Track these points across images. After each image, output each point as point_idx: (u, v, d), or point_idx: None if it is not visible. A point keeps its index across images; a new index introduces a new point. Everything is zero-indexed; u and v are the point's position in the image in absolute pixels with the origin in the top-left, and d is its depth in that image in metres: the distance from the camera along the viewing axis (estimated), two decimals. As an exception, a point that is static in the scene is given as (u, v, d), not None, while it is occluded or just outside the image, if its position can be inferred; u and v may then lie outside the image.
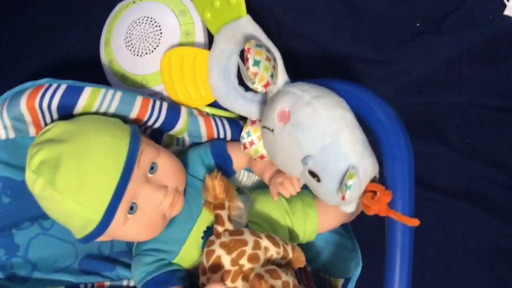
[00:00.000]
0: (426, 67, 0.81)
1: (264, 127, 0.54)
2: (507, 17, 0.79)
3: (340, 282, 0.72)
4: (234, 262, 0.56)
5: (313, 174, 0.50)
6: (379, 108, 0.50)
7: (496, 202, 0.84)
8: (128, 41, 0.69)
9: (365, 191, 0.49)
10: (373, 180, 0.50)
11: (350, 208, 0.54)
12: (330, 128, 0.47)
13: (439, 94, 0.83)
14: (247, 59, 0.51)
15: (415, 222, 0.47)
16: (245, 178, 0.73)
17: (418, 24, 0.81)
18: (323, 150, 0.48)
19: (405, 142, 0.49)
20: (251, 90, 0.60)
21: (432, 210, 0.82)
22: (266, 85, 0.52)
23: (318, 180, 0.50)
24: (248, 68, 0.51)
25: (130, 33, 0.69)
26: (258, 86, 0.52)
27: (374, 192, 0.49)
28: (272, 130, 0.52)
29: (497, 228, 0.84)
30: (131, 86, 0.69)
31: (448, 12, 0.80)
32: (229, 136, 0.67)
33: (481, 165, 0.83)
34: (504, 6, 0.78)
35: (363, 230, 0.76)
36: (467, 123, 0.84)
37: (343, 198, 0.48)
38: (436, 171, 0.83)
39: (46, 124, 0.59)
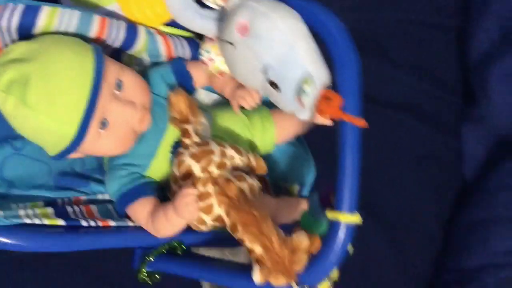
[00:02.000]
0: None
1: (223, 40, 0.57)
2: None
3: (296, 188, 0.79)
4: (203, 169, 0.61)
5: (272, 84, 0.55)
6: (329, 20, 0.54)
7: (431, 113, 0.92)
8: (80, -40, 0.67)
9: (320, 98, 0.55)
10: (326, 88, 0.56)
11: (305, 115, 0.59)
12: (286, 38, 0.51)
13: (379, 11, 0.88)
14: (207, -26, 0.53)
15: (363, 123, 0.54)
16: (204, 96, 0.76)
17: None
18: (282, 59, 0.52)
19: (353, 50, 0.54)
20: (207, 7, 0.62)
21: (373, 120, 0.89)
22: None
23: (277, 89, 0.55)
24: (207, -19, 0.53)
25: (81, -49, 0.67)
26: (218, 0, 0.54)
27: (328, 98, 0.54)
28: (232, 43, 0.55)
29: (433, 137, 0.92)
30: (84, 6, 0.68)
31: None
32: (188, 55, 0.69)
33: (417, 78, 0.91)
34: None
35: (315, 141, 0.83)
36: (408, 40, 0.90)
37: (301, 104, 0.53)
38: (377, 85, 0.89)
39: (6, 46, 0.59)
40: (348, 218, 0.54)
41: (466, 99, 0.92)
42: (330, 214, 0.55)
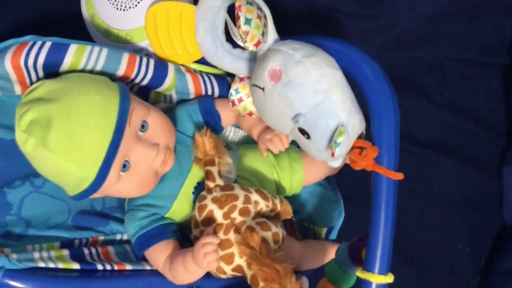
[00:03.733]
0: (408, 22, 0.82)
1: (254, 85, 0.54)
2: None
3: (324, 230, 0.76)
4: (226, 215, 0.58)
5: (303, 131, 0.52)
6: (367, 66, 0.51)
7: (472, 155, 0.88)
8: (111, -5, 0.67)
9: (353, 147, 0.51)
10: (360, 137, 0.52)
11: (337, 163, 0.56)
12: (321, 86, 0.48)
13: (420, 49, 0.85)
14: (238, 17, 0.51)
15: (399, 176, 0.50)
16: (232, 133, 0.74)
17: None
18: (314, 108, 0.49)
19: (391, 99, 0.50)
20: (239, 46, 0.60)
21: (410, 161, 0.86)
22: (257, 43, 0.52)
23: (308, 137, 0.52)
24: (239, 27, 0.51)
25: (112, -13, 0.67)
26: (250, 45, 0.52)
27: (361, 148, 0.51)
28: (263, 89, 0.52)
29: (471, 179, 0.88)
30: (115, 42, 0.67)
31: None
32: (216, 93, 0.67)
33: (459, 118, 0.86)
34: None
35: (345, 183, 0.79)
36: (447, 78, 0.86)
37: (333, 154, 0.50)
38: (415, 124, 0.86)
39: (32, 83, 0.58)
40: (380, 279, 0.50)
41: (510, 140, 0.87)
42: (361, 274, 0.51)
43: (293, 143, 0.72)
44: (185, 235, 0.65)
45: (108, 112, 0.54)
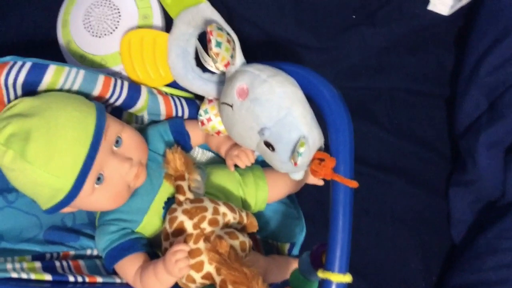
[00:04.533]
0: (360, 55, 0.90)
1: (223, 103, 0.59)
2: (430, 11, 0.90)
3: (287, 246, 0.79)
4: (196, 226, 0.61)
5: (268, 144, 0.57)
6: (324, 86, 0.58)
7: (419, 175, 0.94)
8: (87, 23, 0.71)
9: (313, 159, 0.57)
10: (319, 149, 0.58)
11: (299, 175, 0.61)
12: (284, 102, 0.54)
13: (371, 80, 0.92)
14: (210, 41, 0.57)
15: (355, 184, 0.55)
16: (199, 154, 0.78)
17: (354, 16, 0.89)
18: (278, 122, 0.55)
19: (346, 114, 0.56)
20: (208, 71, 0.65)
21: (364, 182, 0.90)
22: (227, 64, 0.58)
23: (273, 150, 0.57)
24: (211, 49, 0.57)
25: (88, 15, 0.71)
26: (220, 66, 0.57)
27: (320, 159, 0.56)
28: (231, 106, 0.58)
29: (421, 199, 0.93)
30: (90, 66, 0.71)
31: (379, 6, 0.89)
32: (186, 114, 0.71)
33: (407, 142, 0.93)
34: (428, 1, 0.89)
35: (306, 203, 0.84)
36: (395, 105, 0.93)
37: (295, 164, 0.55)
38: (367, 148, 0.91)
39: (9, 101, 0.61)
40: (339, 278, 0.54)
41: (454, 164, 0.94)
42: (322, 274, 0.55)
43: (258, 163, 0.77)
44: (154, 253, 0.68)
45: (86, 126, 0.57)
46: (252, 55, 0.75)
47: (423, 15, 0.90)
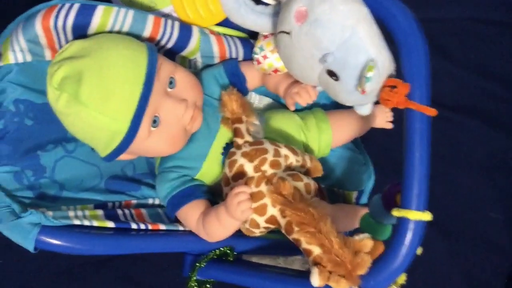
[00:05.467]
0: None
1: (281, 31, 0.54)
2: None
3: (354, 195, 0.75)
4: (256, 168, 0.58)
5: (331, 73, 0.52)
6: (393, 4, 0.51)
7: (499, 117, 0.87)
8: (133, -36, 0.68)
9: (383, 86, 0.51)
10: (389, 76, 0.52)
11: (366, 109, 0.56)
12: (348, 21, 0.48)
13: (440, 10, 0.84)
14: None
15: (433, 112, 0.49)
16: (257, 101, 0.74)
17: None
18: (342, 44, 0.49)
19: (420, 34, 0.50)
20: (262, 3, 0.60)
21: (437, 125, 0.84)
22: (282, -13, 0.53)
23: (337, 79, 0.52)
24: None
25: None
26: (275, -11, 0.52)
27: (392, 87, 0.50)
28: (289, 33, 0.53)
29: (501, 142, 0.87)
30: (139, 9, 0.68)
31: None
32: (241, 55, 0.68)
33: (485, 81, 0.85)
34: None
35: (373, 151, 0.79)
36: (470, 39, 0.85)
37: (363, 91, 0.49)
38: (439, 87, 0.84)
39: (61, 47, 0.60)
40: (418, 215, 0.49)
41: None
42: (398, 212, 0.50)
43: (319, 106, 0.72)
44: (215, 201, 0.65)
45: (138, 65, 0.55)
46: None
47: None
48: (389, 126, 0.74)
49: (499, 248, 0.87)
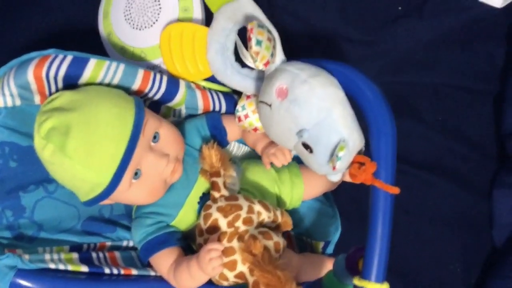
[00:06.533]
0: (406, 48, 0.86)
1: (261, 101, 0.58)
2: (482, 3, 0.85)
3: (321, 244, 0.78)
4: (230, 224, 0.61)
5: (306, 146, 0.55)
6: (367, 87, 0.55)
7: (464, 175, 0.90)
8: (128, 15, 0.71)
9: (353, 162, 0.55)
10: (359, 153, 0.56)
11: (336, 177, 0.60)
12: (324, 104, 0.52)
13: (416, 74, 0.88)
14: (250, 39, 0.55)
15: (396, 190, 0.53)
16: (235, 149, 0.77)
17: (400, 8, 0.86)
18: (317, 124, 0.53)
19: (389, 117, 0.54)
20: (247, 66, 0.64)
21: (405, 181, 0.88)
22: (266, 63, 0.56)
23: (311, 152, 0.55)
24: (251, 47, 0.55)
25: (129, 7, 0.71)
26: (260, 65, 0.56)
27: (360, 163, 0.54)
28: (270, 105, 0.56)
29: (463, 199, 0.90)
30: (130, 58, 0.71)
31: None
32: (224, 109, 0.71)
33: (451, 140, 0.89)
34: (479, -7, 0.84)
35: (342, 200, 0.82)
36: (440, 102, 0.89)
37: (334, 168, 0.53)
38: (410, 146, 0.88)
39: (51, 93, 0.62)
40: (376, 287, 0.53)
41: (500, 164, 0.90)
42: (358, 282, 0.54)
43: (295, 159, 0.75)
44: (188, 245, 0.68)
45: (124, 123, 0.57)
46: (294, 48, 0.74)
47: (474, 7, 0.85)
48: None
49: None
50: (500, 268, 0.88)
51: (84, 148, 0.55)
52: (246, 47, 0.59)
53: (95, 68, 0.60)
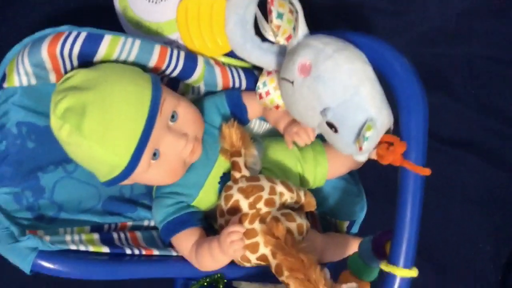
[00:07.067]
0: (438, 19, 0.82)
1: (283, 78, 0.55)
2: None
3: (346, 224, 0.76)
4: (251, 206, 0.59)
5: (331, 125, 0.52)
6: (397, 61, 0.52)
7: (496, 152, 0.87)
8: (143, -13, 0.68)
9: (380, 142, 0.52)
10: (387, 132, 0.53)
11: (363, 157, 0.57)
12: (351, 81, 0.49)
13: (448, 46, 0.84)
14: (270, 12, 0.52)
15: (427, 172, 0.50)
16: (257, 126, 0.75)
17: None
18: (343, 103, 0.50)
19: (421, 95, 0.50)
20: (268, 40, 0.61)
21: (435, 159, 0.85)
22: (288, 38, 0.53)
23: (336, 131, 0.52)
24: (271, 21, 0.52)
25: (145, -21, 0.68)
26: (281, 39, 0.52)
27: (389, 143, 0.51)
28: (292, 82, 0.53)
29: (496, 178, 0.87)
30: (146, 34, 0.69)
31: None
32: (244, 86, 0.68)
33: (484, 116, 0.86)
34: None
35: (368, 178, 0.80)
36: (473, 75, 0.85)
37: (360, 148, 0.50)
38: (441, 121, 0.85)
39: (66, 71, 0.60)
40: (404, 273, 0.50)
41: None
42: (386, 267, 0.52)
43: (318, 136, 0.73)
44: (209, 224, 0.67)
45: (141, 101, 0.55)
46: (319, 21, 0.70)
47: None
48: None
49: (484, 280, 0.88)
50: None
51: (101, 128, 0.54)
52: (267, 19, 0.56)
53: (110, 45, 0.58)
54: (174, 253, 0.65)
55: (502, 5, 0.82)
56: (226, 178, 0.64)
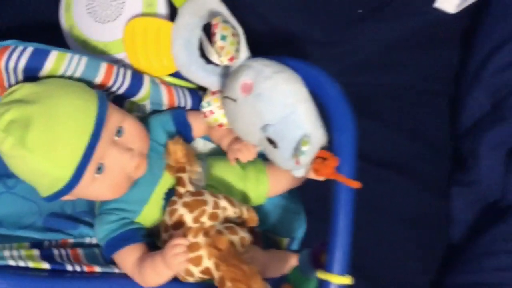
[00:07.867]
0: (366, 50, 0.88)
1: (226, 97, 0.58)
2: (436, 9, 0.89)
3: (286, 241, 0.79)
4: (195, 219, 0.61)
5: (271, 141, 0.56)
6: (329, 85, 0.57)
7: (421, 174, 0.93)
8: (90, 8, 0.70)
9: (316, 157, 0.56)
10: (322, 148, 0.57)
11: (300, 173, 0.61)
12: (289, 100, 0.53)
13: (376, 76, 0.90)
14: (214, 34, 0.56)
15: (358, 185, 0.55)
16: (201, 145, 0.77)
17: (360, 11, 0.88)
18: (282, 119, 0.54)
19: (350, 114, 0.56)
20: (212, 62, 0.64)
21: (363, 179, 0.90)
22: (231, 59, 0.57)
23: (275, 147, 0.56)
24: (215, 42, 0.56)
25: (92, 0, 0.70)
26: (224, 60, 0.56)
27: (323, 158, 0.56)
28: (235, 100, 0.57)
29: (421, 197, 0.93)
30: (93, 52, 0.70)
31: (386, 1, 0.88)
32: (189, 105, 0.71)
33: (409, 141, 0.92)
34: (434, -1, 0.87)
35: (307, 198, 0.83)
36: (399, 103, 0.92)
37: (297, 162, 0.54)
38: (370, 145, 0.89)
39: (10, 86, 0.60)
40: (339, 280, 0.54)
41: (456, 163, 0.94)
42: (321, 275, 0.55)
43: (260, 156, 0.76)
44: (152, 243, 0.67)
45: (87, 115, 0.56)
46: (257, 48, 0.75)
47: (429, 12, 0.88)
48: (322, 178, 0.80)
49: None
50: (457, 264, 0.91)
51: (45, 141, 0.54)
52: (211, 43, 0.59)
53: (57, 61, 0.59)
54: (116, 270, 0.65)
55: (423, 40, 0.90)
56: (170, 194, 0.65)
